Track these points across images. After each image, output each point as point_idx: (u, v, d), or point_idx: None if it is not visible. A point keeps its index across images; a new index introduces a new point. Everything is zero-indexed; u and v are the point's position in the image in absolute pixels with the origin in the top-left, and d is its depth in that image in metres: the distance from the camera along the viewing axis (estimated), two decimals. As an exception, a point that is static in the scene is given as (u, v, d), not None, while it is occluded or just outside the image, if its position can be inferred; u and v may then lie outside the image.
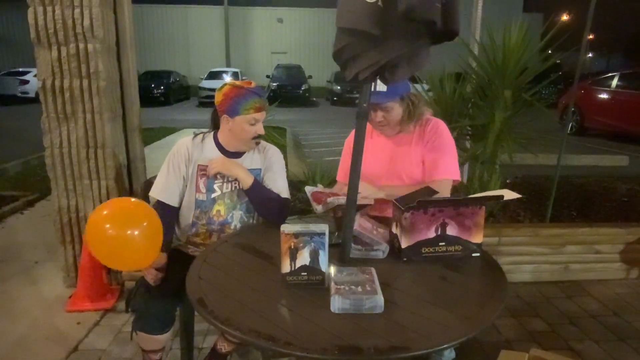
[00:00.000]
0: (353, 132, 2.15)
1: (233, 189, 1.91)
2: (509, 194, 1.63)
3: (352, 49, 1.31)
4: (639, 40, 32.64)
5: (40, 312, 2.66)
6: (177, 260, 1.84)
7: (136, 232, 1.50)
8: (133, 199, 1.69)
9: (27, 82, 16.25)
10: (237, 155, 1.95)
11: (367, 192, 1.80)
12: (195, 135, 1.97)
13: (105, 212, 1.54)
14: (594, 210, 3.98)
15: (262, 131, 1.89)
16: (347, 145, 2.19)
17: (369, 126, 2.08)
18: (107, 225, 1.50)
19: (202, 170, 1.90)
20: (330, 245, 1.37)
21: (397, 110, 1.94)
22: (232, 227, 1.91)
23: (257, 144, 1.94)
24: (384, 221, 1.74)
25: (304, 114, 14.70)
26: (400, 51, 1.28)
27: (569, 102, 4.51)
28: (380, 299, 1.20)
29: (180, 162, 1.90)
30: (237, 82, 1.88)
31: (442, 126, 2.01)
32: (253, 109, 1.83)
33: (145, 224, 1.54)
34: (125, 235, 1.49)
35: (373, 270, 1.34)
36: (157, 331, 1.74)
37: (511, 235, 3.01)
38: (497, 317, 1.23)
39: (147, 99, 15.02)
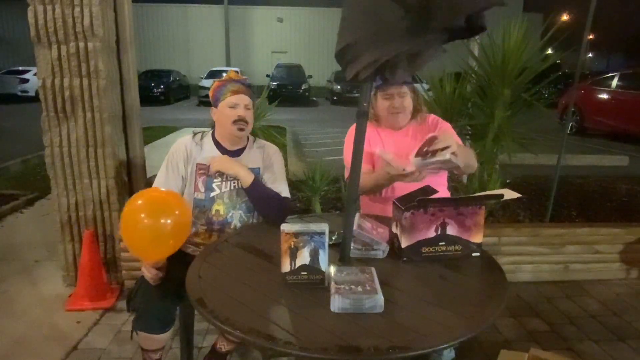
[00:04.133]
0: (350, 131, 2.18)
1: (232, 188, 1.91)
2: (509, 194, 1.63)
3: (355, 48, 1.30)
4: (639, 40, 32.63)
5: (40, 311, 2.66)
6: (177, 259, 1.83)
7: (169, 221, 1.58)
8: (163, 189, 1.81)
9: (27, 80, 16.21)
10: (236, 153, 1.95)
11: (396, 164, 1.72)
12: (195, 134, 1.97)
13: (139, 202, 1.62)
14: (594, 210, 3.98)
15: (243, 114, 1.87)
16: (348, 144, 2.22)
17: (373, 125, 2.10)
18: (142, 215, 1.57)
19: (201, 169, 1.90)
20: (330, 245, 1.38)
21: (409, 98, 2.03)
22: (232, 226, 1.91)
23: (241, 130, 1.88)
24: (384, 221, 1.74)
25: (304, 114, 14.69)
26: (400, 49, 1.27)
27: (569, 102, 4.51)
28: (380, 298, 1.20)
29: (179, 161, 1.90)
30: (225, 76, 1.94)
31: (440, 118, 2.13)
32: (230, 92, 1.87)
33: (177, 212, 1.61)
34: (158, 224, 1.56)
35: (373, 269, 1.34)
36: (157, 330, 1.74)
37: (511, 235, 3.01)
38: (497, 317, 1.23)
39: (147, 98, 14.98)
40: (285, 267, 1.33)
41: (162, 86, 17.30)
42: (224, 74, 2.01)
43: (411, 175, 1.67)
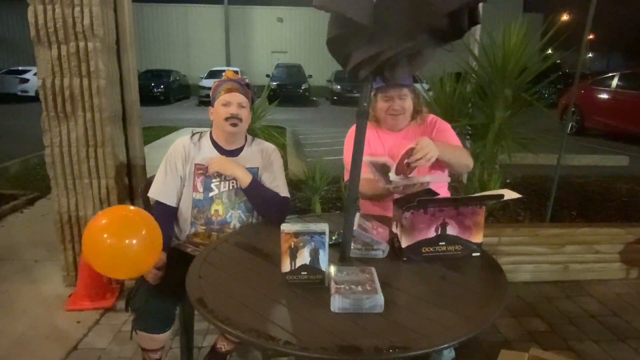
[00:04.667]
0: (350, 131, 2.19)
1: (231, 187, 1.91)
2: (509, 194, 1.63)
3: (344, 39, 1.29)
4: (639, 40, 32.64)
5: (40, 311, 2.65)
6: (176, 259, 1.83)
7: (134, 241, 1.48)
8: (131, 207, 1.71)
9: (27, 80, 16.21)
10: (234, 153, 1.95)
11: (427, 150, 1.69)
12: (193, 134, 1.97)
13: (103, 222, 1.51)
14: (594, 210, 3.98)
15: (235, 111, 1.87)
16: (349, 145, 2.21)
17: (373, 126, 2.10)
18: (105, 235, 1.47)
19: (199, 169, 1.90)
20: (331, 245, 1.37)
21: (409, 100, 2.03)
22: (232, 226, 1.91)
23: (234, 125, 1.87)
24: (384, 221, 1.74)
25: (304, 114, 14.69)
26: (397, 48, 1.26)
27: (569, 102, 4.52)
28: (380, 298, 1.20)
29: (177, 162, 1.90)
30: (223, 76, 1.95)
31: (439, 118, 2.12)
32: (224, 90, 1.88)
33: (143, 232, 1.52)
34: (123, 245, 1.47)
35: (373, 269, 1.34)
36: (157, 330, 1.74)
37: (511, 235, 3.01)
38: (497, 317, 1.23)
39: (147, 98, 14.98)
40: (285, 267, 1.33)
41: (162, 86, 17.30)
42: (224, 74, 2.01)
43: (396, 190, 1.71)
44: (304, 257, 1.31)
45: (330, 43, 1.32)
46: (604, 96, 9.61)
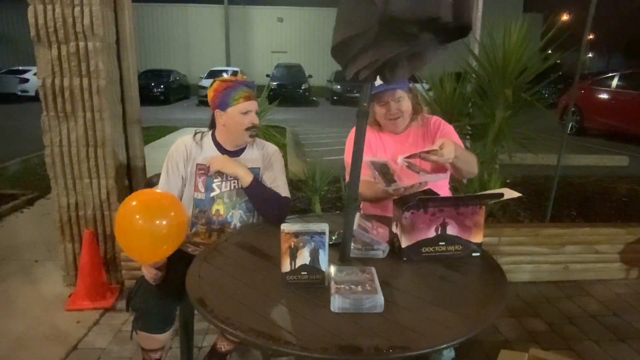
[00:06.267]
0: (352, 133, 2.18)
1: (232, 188, 1.91)
2: (509, 193, 1.64)
3: (349, 46, 1.30)
4: (639, 40, 32.67)
5: (39, 311, 2.66)
6: (177, 259, 1.83)
7: (164, 222, 1.55)
8: (159, 190, 1.80)
9: (27, 80, 16.22)
10: (236, 153, 1.95)
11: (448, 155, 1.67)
12: (195, 134, 1.97)
13: (134, 204, 1.59)
14: (594, 210, 3.98)
15: (256, 121, 1.89)
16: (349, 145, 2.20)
17: (375, 130, 2.10)
18: (137, 216, 1.54)
19: (201, 169, 1.90)
20: (331, 245, 1.37)
21: (407, 101, 2.00)
22: (232, 226, 1.91)
23: (253, 136, 1.92)
24: (384, 221, 1.74)
25: (304, 114, 14.68)
26: (399, 50, 1.27)
27: (569, 102, 4.52)
28: (380, 298, 1.20)
29: (179, 161, 1.90)
30: (226, 77, 1.92)
31: (443, 120, 2.09)
32: (242, 98, 1.85)
33: (172, 214, 1.59)
34: (153, 226, 1.54)
35: (373, 269, 1.34)
36: (157, 330, 1.74)
37: (511, 235, 3.01)
38: (497, 317, 1.23)
39: (147, 98, 15.00)
40: (285, 267, 1.33)
41: (162, 86, 17.29)
42: (224, 74, 2.00)
43: (396, 193, 1.71)
44: (304, 257, 1.31)
45: (334, 50, 1.33)
46: (604, 96, 9.61)
